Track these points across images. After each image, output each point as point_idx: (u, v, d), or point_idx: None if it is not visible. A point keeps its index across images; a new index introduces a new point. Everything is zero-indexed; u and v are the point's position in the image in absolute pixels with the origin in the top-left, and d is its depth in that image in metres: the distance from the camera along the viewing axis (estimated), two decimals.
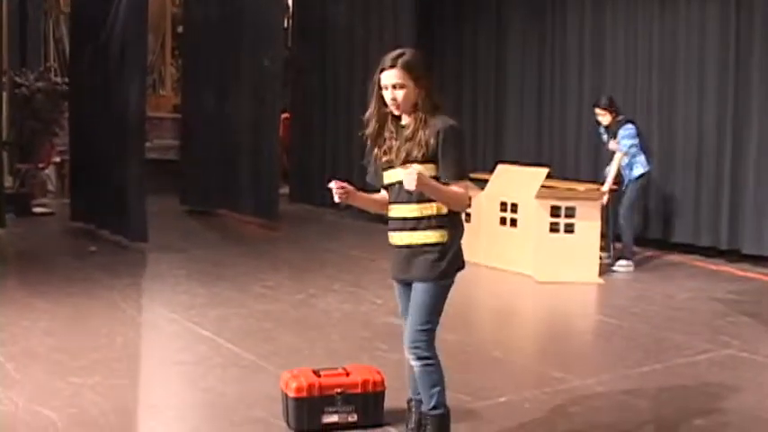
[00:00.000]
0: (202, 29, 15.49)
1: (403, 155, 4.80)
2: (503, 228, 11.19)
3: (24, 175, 15.47)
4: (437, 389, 4.92)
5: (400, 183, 4.74)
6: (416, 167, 4.62)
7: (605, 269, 10.98)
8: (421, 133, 4.75)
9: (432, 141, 4.72)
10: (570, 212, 10.67)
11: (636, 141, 11.23)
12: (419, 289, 4.84)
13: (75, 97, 14.06)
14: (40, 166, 15.91)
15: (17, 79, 15.46)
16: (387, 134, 4.95)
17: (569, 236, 10.69)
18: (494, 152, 14.86)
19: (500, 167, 11.81)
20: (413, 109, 4.83)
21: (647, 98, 12.61)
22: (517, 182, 11.22)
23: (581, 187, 11.11)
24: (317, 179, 16.33)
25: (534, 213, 10.75)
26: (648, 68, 12.67)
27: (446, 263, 4.80)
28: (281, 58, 14.95)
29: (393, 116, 4.92)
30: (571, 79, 13.81)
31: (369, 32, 15.15)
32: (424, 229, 4.80)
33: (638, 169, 11.27)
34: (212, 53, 15.12)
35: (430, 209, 4.78)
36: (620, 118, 11.41)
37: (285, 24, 17.73)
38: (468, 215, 11.37)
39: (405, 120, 4.88)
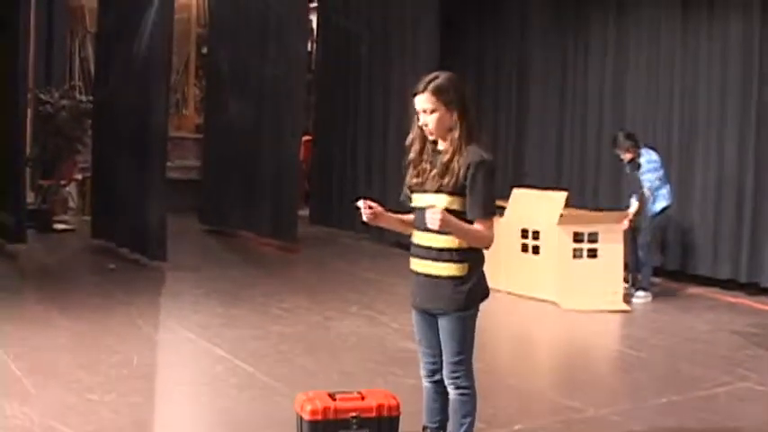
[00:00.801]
0: (226, 50, 15.55)
1: (435, 182, 4.76)
2: (524, 254, 11.17)
3: (46, 191, 15.54)
4: (468, 419, 4.94)
5: (425, 208, 4.71)
6: (440, 207, 4.61)
7: (628, 299, 10.94)
8: (455, 161, 4.70)
9: (461, 173, 4.68)
10: (593, 238, 10.65)
11: (660, 174, 11.19)
12: (444, 321, 4.84)
13: (98, 115, 14.12)
14: (62, 182, 15.98)
15: (42, 96, 15.54)
16: (424, 157, 4.89)
17: (592, 261, 10.68)
18: (513, 178, 14.83)
19: (516, 192, 11.75)
20: (450, 135, 4.78)
21: (668, 127, 12.56)
22: (536, 207, 11.16)
23: (596, 213, 11.08)
24: (337, 201, 16.37)
25: (557, 240, 10.74)
26: (669, 97, 12.62)
27: (465, 296, 4.79)
28: (303, 81, 14.99)
29: (432, 141, 4.88)
30: (592, 104, 13.78)
31: (391, 54, 15.16)
32: (445, 261, 4.78)
33: (661, 203, 11.20)
34: (236, 74, 15.18)
35: (451, 242, 4.75)
36: (642, 150, 11.34)
37: (309, 48, 17.78)
38: None
39: (441, 145, 4.84)
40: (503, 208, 11.53)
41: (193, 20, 19.72)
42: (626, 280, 11.13)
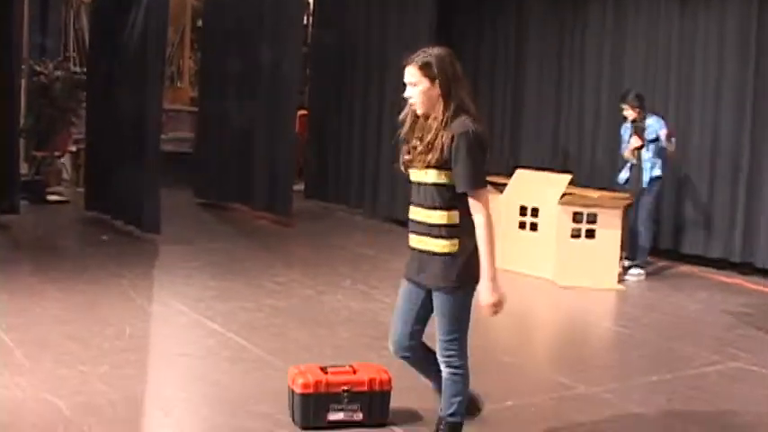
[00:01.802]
0: (222, 23, 15.50)
1: (422, 159, 4.74)
2: (522, 232, 11.19)
3: (40, 162, 15.52)
4: (459, 398, 4.96)
5: (419, 183, 4.78)
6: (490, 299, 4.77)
7: (622, 277, 10.97)
8: (439, 137, 4.66)
9: (445, 147, 4.64)
10: (592, 219, 10.71)
11: (662, 143, 11.21)
12: (437, 300, 4.81)
13: (92, 87, 14.08)
14: (56, 154, 15.95)
15: (36, 68, 15.50)
16: (415, 134, 4.87)
17: (590, 241, 10.73)
18: (510, 154, 14.84)
19: (519, 172, 11.79)
20: (437, 109, 4.74)
21: (664, 105, 12.54)
22: (538, 187, 11.23)
23: (597, 194, 11.12)
24: (332, 176, 16.35)
25: (556, 218, 10.78)
26: (666, 76, 12.62)
27: (456, 273, 4.76)
28: (299, 54, 14.95)
29: (424, 116, 4.85)
30: (589, 88, 13.77)
31: (387, 30, 15.12)
32: (435, 237, 4.75)
33: (657, 170, 11.23)
34: (231, 48, 15.13)
35: (441, 217, 4.74)
36: (650, 114, 11.37)
37: (304, 21, 17.73)
38: None
39: (429, 120, 4.80)
40: (504, 185, 11.57)
41: None
42: (622, 258, 11.16)
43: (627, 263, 11.29)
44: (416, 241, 4.86)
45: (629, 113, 11.32)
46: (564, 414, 6.18)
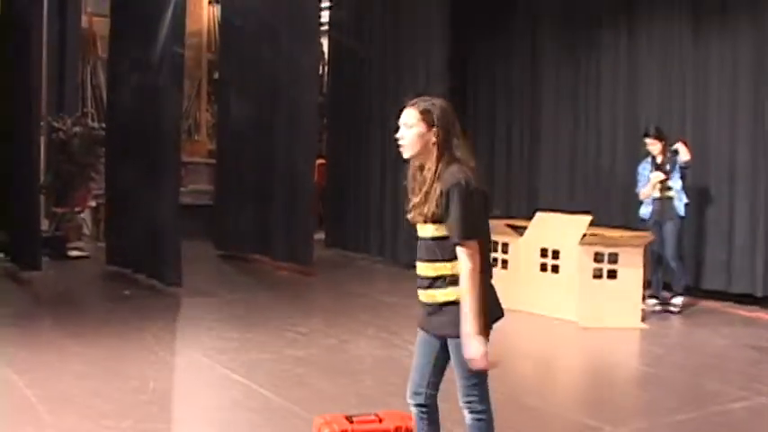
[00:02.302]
0: (238, 75, 15.59)
1: (418, 212, 4.69)
2: (543, 274, 11.19)
3: (60, 218, 15.57)
4: None
5: (421, 239, 4.72)
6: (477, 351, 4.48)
7: (645, 316, 10.94)
8: (433, 189, 4.60)
9: (438, 200, 4.57)
10: (613, 258, 10.70)
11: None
12: (452, 347, 4.69)
13: (111, 142, 14.18)
14: (77, 209, 16.01)
15: (54, 124, 15.60)
16: (415, 186, 4.80)
17: (612, 281, 10.72)
18: (528, 197, 14.85)
19: (539, 215, 11.79)
20: (432, 161, 4.68)
21: (680, 132, 12.51)
22: (558, 229, 11.23)
23: (617, 234, 11.12)
24: (352, 224, 16.38)
25: (577, 260, 10.77)
26: (682, 109, 12.67)
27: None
28: (315, 104, 15.01)
29: (419, 167, 4.78)
30: (605, 119, 13.82)
31: (402, 77, 15.18)
32: (440, 287, 4.66)
33: (684, 200, 11.32)
34: (247, 99, 15.21)
35: (445, 268, 4.64)
36: (671, 148, 11.45)
37: (320, 71, 17.83)
38: (504, 262, 11.37)
39: (424, 172, 4.74)
40: (523, 228, 11.57)
41: (204, 45, 19.81)
42: (646, 297, 11.15)
43: (657, 297, 11.33)
44: (424, 296, 4.76)
45: (655, 147, 11.44)
46: None
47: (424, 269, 4.71)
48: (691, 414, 7.10)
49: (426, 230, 4.68)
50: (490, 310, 4.62)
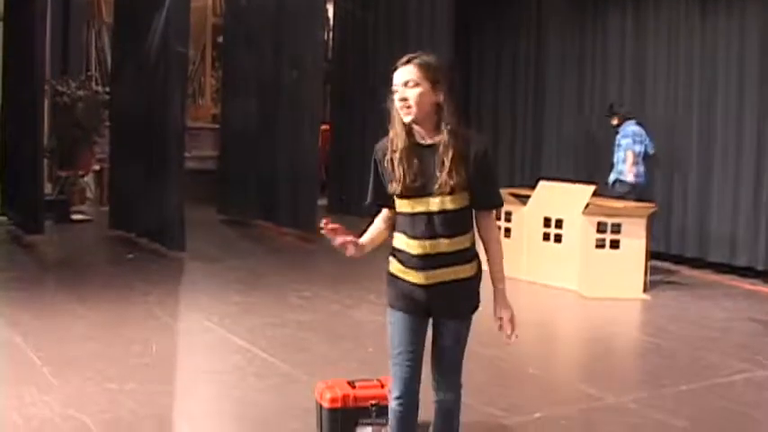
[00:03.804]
0: (242, 40, 15.55)
1: (432, 183, 4.18)
2: (546, 243, 11.19)
3: (64, 182, 15.58)
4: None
5: (425, 214, 4.21)
6: (508, 315, 4.35)
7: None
8: (457, 158, 4.14)
9: (471, 165, 4.16)
10: (616, 228, 10.69)
11: (639, 148, 12.02)
12: (452, 327, 4.37)
13: (115, 106, 14.16)
14: (80, 173, 16.01)
15: (58, 87, 15.56)
16: (405, 155, 4.28)
17: (615, 251, 10.72)
18: (532, 167, 14.85)
19: (542, 184, 11.78)
20: (434, 124, 4.23)
21: (687, 109, 12.54)
22: (562, 198, 11.23)
23: (621, 204, 11.12)
24: (356, 191, 16.36)
25: (580, 229, 10.77)
26: (689, 81, 12.61)
27: (478, 294, 4.40)
28: (320, 70, 14.98)
29: (408, 134, 4.29)
30: (611, 94, 13.76)
31: (407, 44, 15.14)
32: (463, 263, 4.27)
33: (629, 177, 11.99)
34: (252, 64, 15.18)
35: (462, 242, 4.27)
36: (630, 121, 12.20)
37: (325, 37, 17.78)
38: (507, 231, 11.36)
39: (425, 138, 4.28)
40: (527, 197, 11.57)
41: (209, 9, 19.73)
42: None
43: None
44: (428, 277, 4.27)
45: (613, 120, 12.42)
46: (593, 425, 6.16)
47: (436, 247, 4.21)
48: (691, 385, 7.11)
49: (451, 202, 4.17)
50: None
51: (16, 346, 7.48)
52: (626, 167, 11.96)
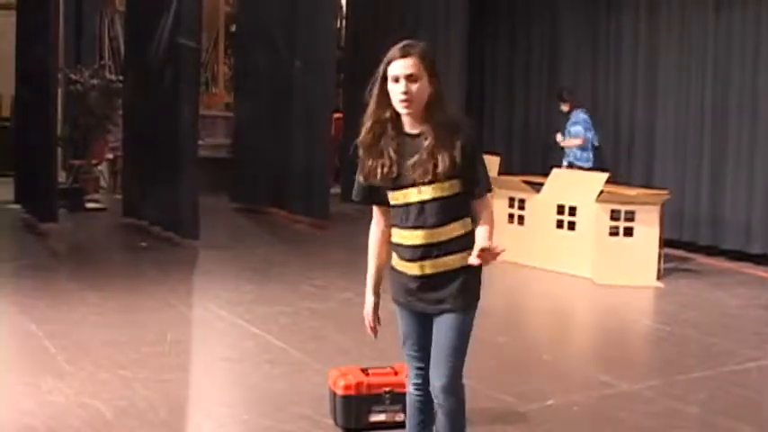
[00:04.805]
0: (255, 28, 15.54)
1: (419, 171, 4.09)
2: (560, 231, 11.17)
3: (77, 170, 15.61)
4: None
5: (416, 204, 4.15)
6: (482, 245, 3.94)
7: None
8: (443, 147, 4.06)
9: (458, 153, 4.05)
10: (630, 216, 10.66)
11: (589, 135, 12.62)
12: (455, 320, 4.22)
13: (128, 94, 14.18)
14: (94, 162, 16.05)
15: (72, 76, 15.60)
16: (391, 144, 4.22)
17: (628, 239, 10.70)
18: (545, 152, 14.81)
19: (555, 172, 11.76)
20: (423, 113, 4.15)
21: (701, 104, 12.49)
22: (575, 186, 11.20)
23: (634, 192, 11.10)
24: None
25: (594, 217, 10.76)
26: (702, 74, 12.55)
27: (477, 288, 4.26)
28: (333, 58, 14.97)
29: (395, 122, 4.26)
30: (624, 85, 13.72)
31: (419, 32, 15.11)
32: (454, 252, 4.15)
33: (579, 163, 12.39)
34: (265, 52, 15.17)
35: (458, 229, 4.18)
36: (579, 109, 12.77)
37: (338, 24, 17.76)
38: (521, 218, 11.34)
39: (412, 127, 4.20)
40: (540, 184, 11.55)
41: None
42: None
43: None
44: (424, 267, 4.23)
45: (564, 107, 12.98)
46: (606, 412, 6.15)
47: (430, 236, 4.16)
48: (705, 372, 7.10)
49: (441, 190, 4.09)
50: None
51: (31, 334, 7.50)
52: (572, 145, 12.76)
